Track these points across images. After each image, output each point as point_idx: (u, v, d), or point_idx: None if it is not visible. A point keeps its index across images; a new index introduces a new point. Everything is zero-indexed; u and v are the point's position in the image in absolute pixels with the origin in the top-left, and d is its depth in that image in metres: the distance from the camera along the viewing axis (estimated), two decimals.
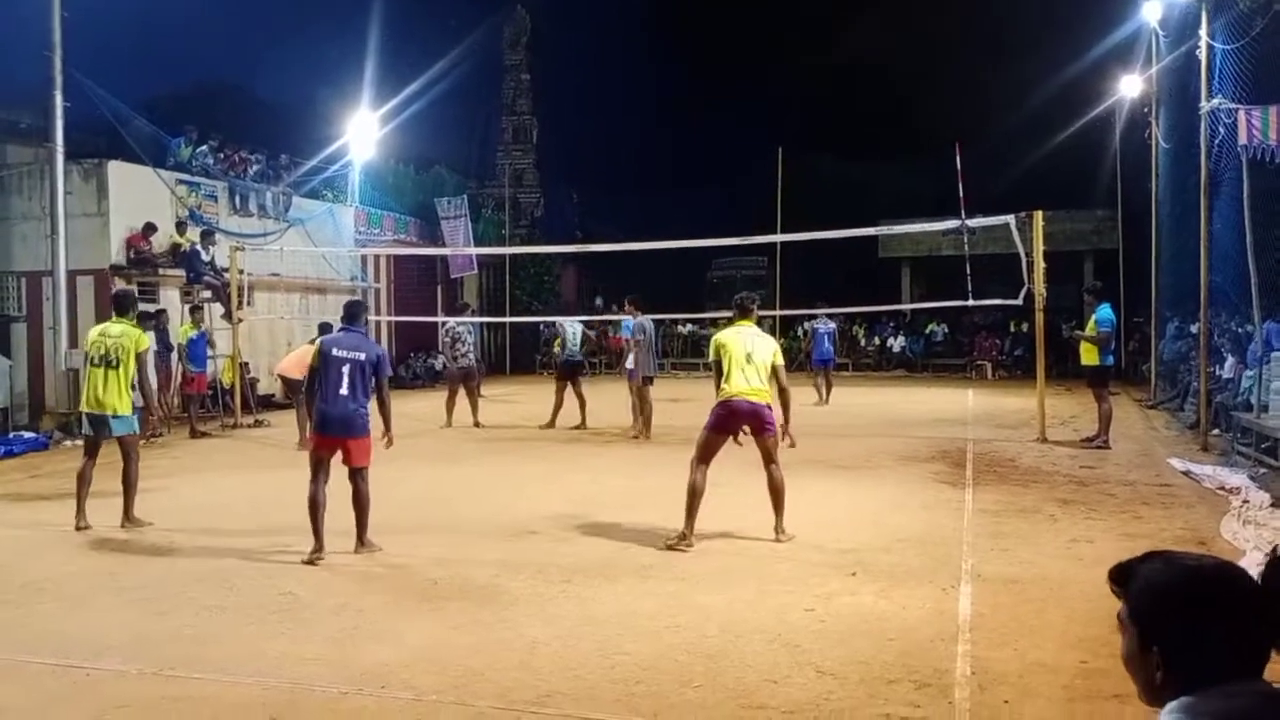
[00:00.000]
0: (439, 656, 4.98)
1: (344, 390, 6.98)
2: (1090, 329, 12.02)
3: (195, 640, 5.31)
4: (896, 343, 27.04)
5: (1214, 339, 13.62)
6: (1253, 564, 6.20)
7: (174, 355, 14.87)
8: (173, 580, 6.50)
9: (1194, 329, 14.50)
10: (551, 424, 14.50)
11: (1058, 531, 7.54)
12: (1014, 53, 31.16)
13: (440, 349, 21.08)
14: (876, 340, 27.47)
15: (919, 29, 35.54)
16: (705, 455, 7.36)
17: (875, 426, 14.40)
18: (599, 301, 14.65)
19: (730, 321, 7.76)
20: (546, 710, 4.31)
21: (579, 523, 8.04)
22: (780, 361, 7.46)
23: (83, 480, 8.20)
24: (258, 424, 15.57)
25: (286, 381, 13.29)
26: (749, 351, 7.24)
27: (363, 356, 7.08)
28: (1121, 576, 1.72)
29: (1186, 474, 9.91)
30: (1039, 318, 12.94)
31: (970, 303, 14.57)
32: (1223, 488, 9.06)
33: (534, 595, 6.01)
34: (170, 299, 16.30)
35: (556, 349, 15.44)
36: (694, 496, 7.21)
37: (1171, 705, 1.59)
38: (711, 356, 7.44)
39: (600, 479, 10.29)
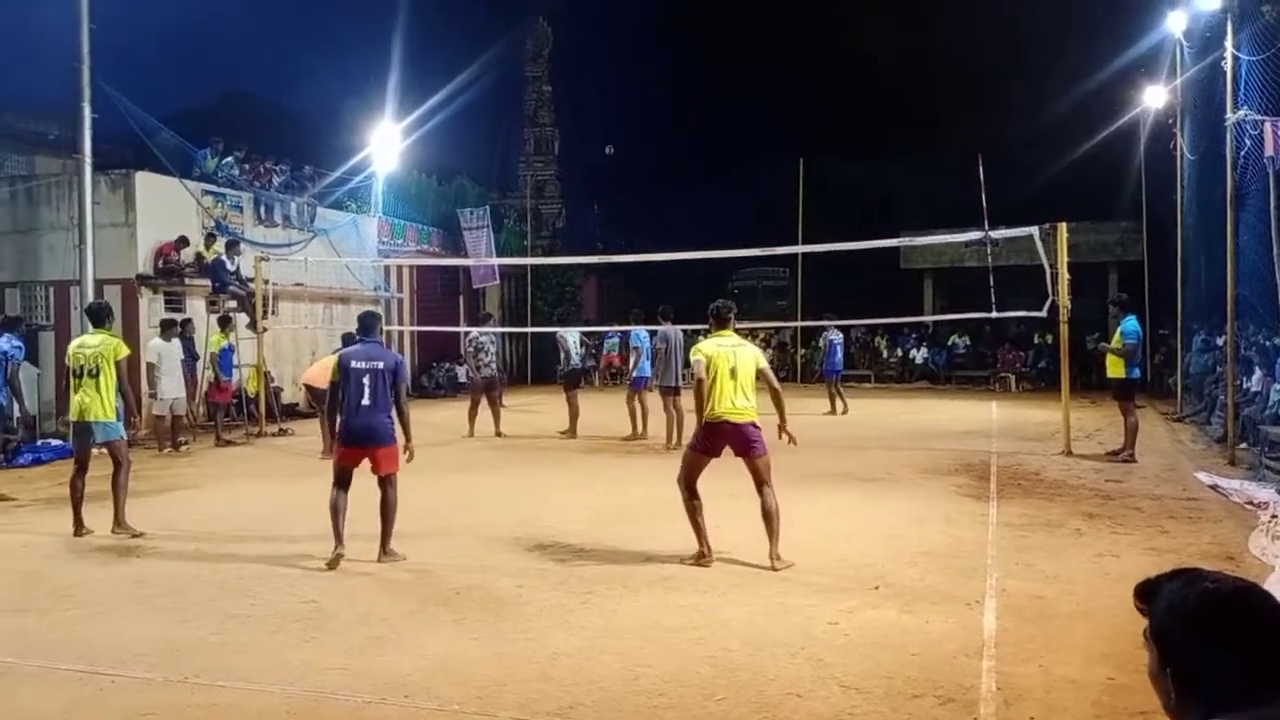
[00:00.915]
0: (461, 666, 4.99)
1: (366, 401, 7.10)
2: (1116, 341, 11.92)
3: (219, 648, 5.34)
4: (919, 354, 26.91)
5: (1241, 352, 13.48)
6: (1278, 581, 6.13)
7: (199, 364, 15.00)
8: (197, 588, 6.54)
9: (1220, 342, 14.37)
10: (572, 433, 14.63)
11: (1083, 546, 7.48)
12: (1038, 62, 31.09)
13: (463, 359, 21.15)
14: (899, 351, 27.35)
15: (942, 38, 35.46)
16: (690, 476, 7.10)
17: (898, 439, 14.33)
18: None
19: (708, 334, 7.47)
20: None
21: (601, 533, 8.04)
22: (764, 364, 7.21)
23: (74, 490, 8.36)
24: (282, 433, 15.67)
25: (311, 390, 13.42)
26: (733, 366, 6.95)
27: (381, 365, 7.19)
28: (1146, 594, 1.71)
29: (1214, 488, 9.81)
30: (1063, 330, 12.85)
31: (993, 314, 14.48)
32: (1251, 502, 8.96)
33: (556, 606, 6.01)
34: (196, 309, 16.43)
35: (562, 359, 15.57)
36: (694, 514, 7.06)
37: None
38: (696, 374, 7.03)
39: (622, 489, 10.28)
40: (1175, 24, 15.72)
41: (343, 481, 7.23)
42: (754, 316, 28.22)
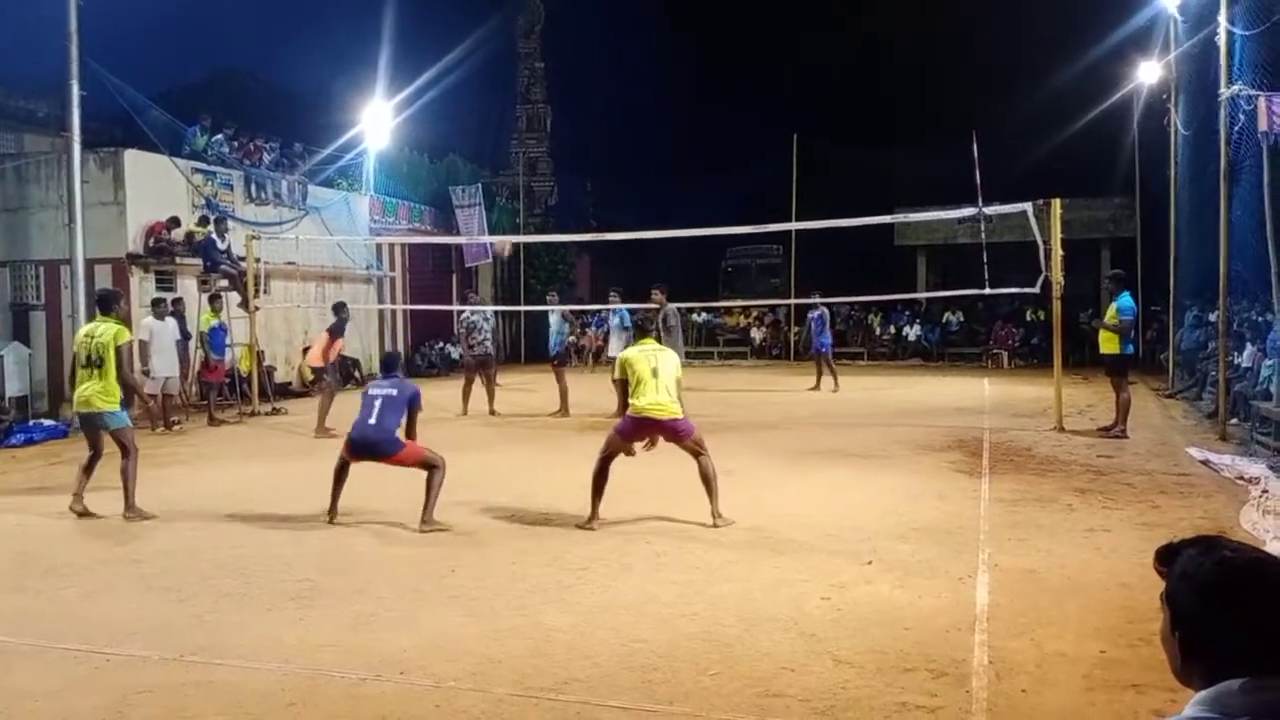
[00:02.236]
0: (456, 644, 5.00)
1: (372, 420, 7.65)
2: (1111, 317, 11.93)
3: (215, 626, 5.35)
4: (912, 331, 26.94)
5: (1233, 327, 13.52)
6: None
7: (191, 343, 14.95)
8: (193, 567, 6.55)
9: (1213, 317, 14.40)
10: (564, 411, 14.65)
11: (1075, 521, 7.52)
12: (1031, 39, 30.99)
13: (456, 338, 21.13)
14: (892, 329, 27.38)
15: (935, 14, 35.32)
16: (608, 453, 7.72)
17: (891, 415, 14.36)
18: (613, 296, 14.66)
19: (637, 340, 8.33)
20: (564, 697, 4.32)
21: None
22: (680, 375, 7.78)
23: (83, 468, 8.35)
24: (275, 412, 15.65)
25: (315, 370, 13.71)
26: (654, 367, 7.57)
27: (395, 393, 7.78)
28: (1166, 557, 1.72)
29: (1205, 463, 9.86)
30: (1056, 306, 12.86)
31: (987, 291, 14.48)
32: (1242, 477, 9.01)
33: (550, 583, 6.03)
34: (187, 288, 16.38)
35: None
36: (599, 482, 7.61)
37: (1197, 696, 1.59)
38: (617, 374, 7.85)
39: (617, 467, 10.27)
40: None
41: (343, 467, 7.85)
42: (748, 294, 28.18)
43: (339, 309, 13.87)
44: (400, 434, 7.74)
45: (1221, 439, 11.39)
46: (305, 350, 17.50)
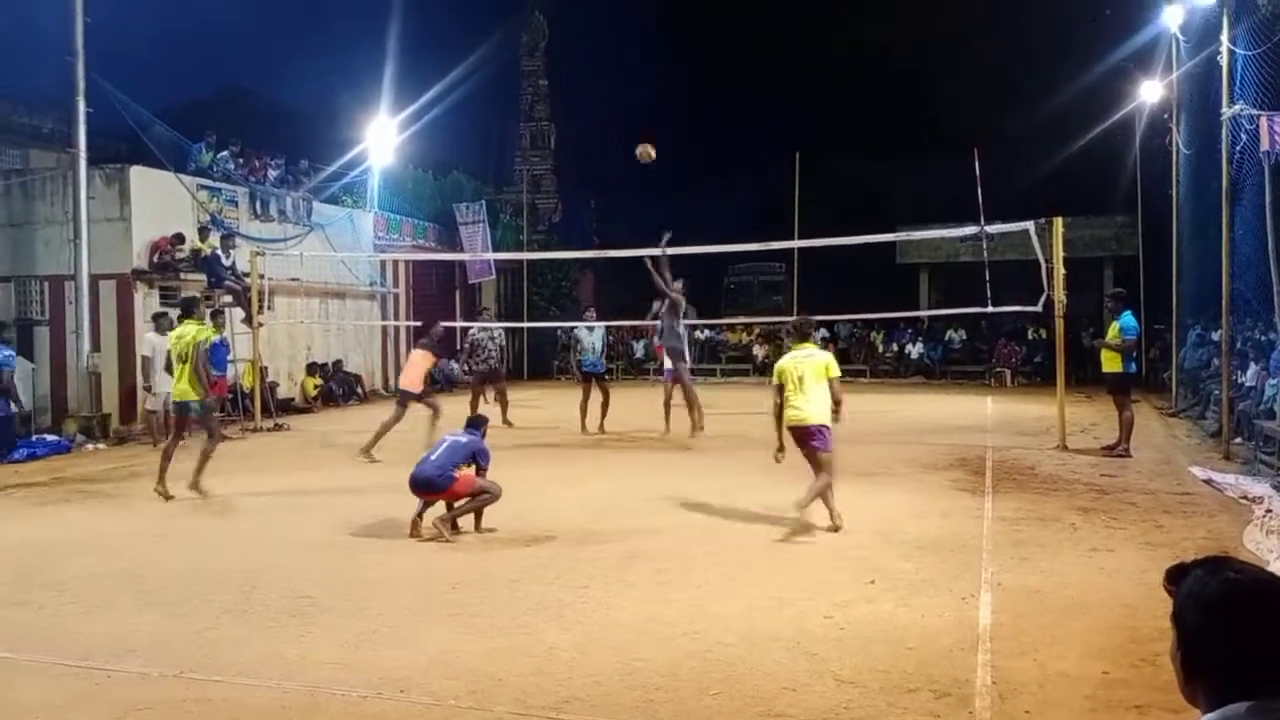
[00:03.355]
0: (457, 661, 4.99)
1: (434, 458, 7.89)
2: (1113, 336, 11.93)
3: (215, 643, 5.34)
4: (915, 349, 26.90)
5: (1236, 346, 13.50)
6: None
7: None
8: (193, 583, 6.54)
9: (1216, 336, 14.38)
10: (583, 428, 14.62)
11: (1078, 540, 7.49)
12: (1033, 57, 31.08)
13: (459, 356, 20.99)
14: (895, 347, 27.34)
15: (937, 32, 35.44)
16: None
17: (893, 433, 14.33)
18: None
19: (793, 346, 8.25)
20: (565, 716, 4.31)
21: (597, 528, 8.05)
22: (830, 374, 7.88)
23: (166, 454, 9.77)
24: (277, 428, 15.65)
25: (402, 393, 12.77)
26: (800, 375, 7.74)
27: (464, 441, 8.09)
28: (1176, 577, 1.72)
29: (1208, 483, 9.83)
30: (1059, 324, 12.86)
31: (989, 309, 14.49)
32: (1245, 497, 8.98)
33: (551, 601, 6.02)
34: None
35: (577, 356, 15.50)
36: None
37: (1204, 718, 1.58)
38: (775, 381, 7.97)
39: (620, 484, 10.29)
40: (1171, 18, 15.70)
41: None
42: (750, 312, 28.19)
43: (429, 327, 13.50)
44: (457, 472, 7.85)
45: (1225, 458, 11.36)
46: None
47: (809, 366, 7.81)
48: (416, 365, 12.71)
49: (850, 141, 33.20)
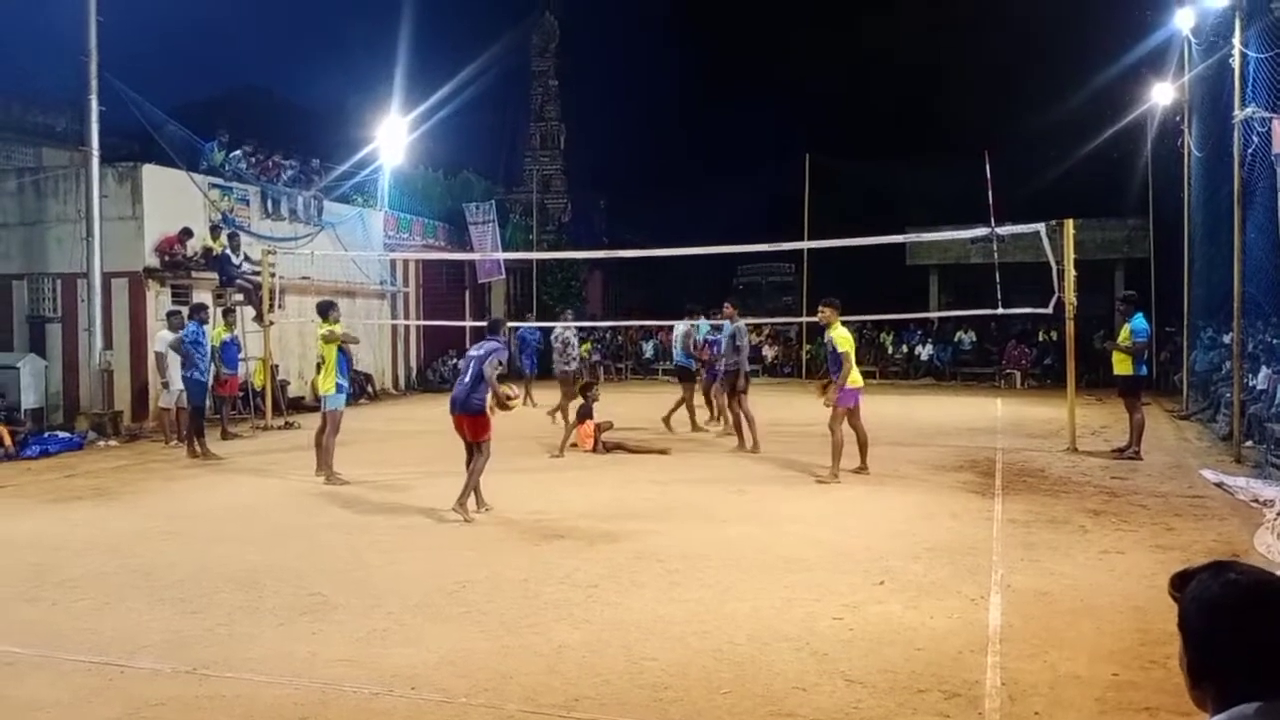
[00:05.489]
0: (467, 659, 5.01)
1: (466, 379, 8.66)
2: (1124, 338, 11.90)
3: (227, 639, 5.37)
4: (924, 351, 26.86)
5: (1248, 349, 13.45)
6: None
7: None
8: (205, 580, 6.57)
9: (1227, 339, 14.34)
10: (694, 426, 14.64)
11: (1088, 543, 7.48)
12: (1045, 59, 31.06)
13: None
14: (904, 348, 27.30)
15: (949, 33, 35.43)
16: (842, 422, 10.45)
17: (903, 435, 14.31)
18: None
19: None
20: (575, 715, 4.32)
21: (607, 528, 8.06)
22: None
23: (318, 443, 10.77)
24: (288, 426, 15.70)
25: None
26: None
27: (479, 353, 8.73)
28: (1181, 582, 1.73)
29: (1219, 486, 9.79)
30: (1069, 327, 12.83)
31: (999, 311, 14.47)
32: (1256, 500, 8.94)
33: (562, 600, 6.03)
34: (203, 302, 16.44)
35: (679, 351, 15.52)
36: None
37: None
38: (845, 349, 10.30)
39: (631, 486, 10.30)
40: (1183, 21, 15.65)
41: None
42: (759, 312, 28.20)
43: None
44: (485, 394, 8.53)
45: (1236, 461, 11.32)
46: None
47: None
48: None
49: (861, 142, 33.18)
